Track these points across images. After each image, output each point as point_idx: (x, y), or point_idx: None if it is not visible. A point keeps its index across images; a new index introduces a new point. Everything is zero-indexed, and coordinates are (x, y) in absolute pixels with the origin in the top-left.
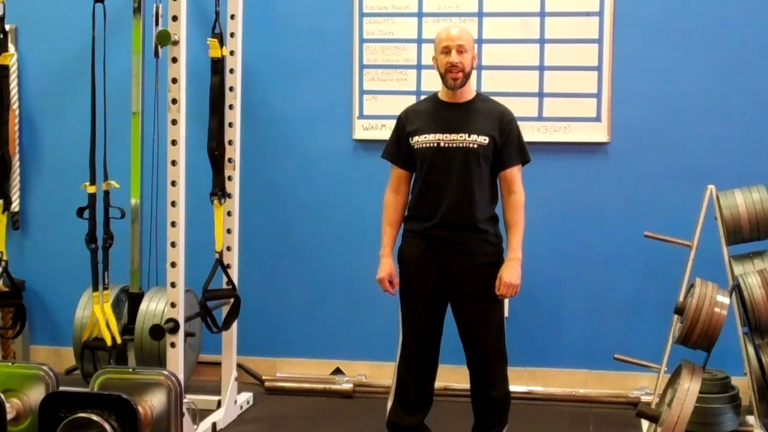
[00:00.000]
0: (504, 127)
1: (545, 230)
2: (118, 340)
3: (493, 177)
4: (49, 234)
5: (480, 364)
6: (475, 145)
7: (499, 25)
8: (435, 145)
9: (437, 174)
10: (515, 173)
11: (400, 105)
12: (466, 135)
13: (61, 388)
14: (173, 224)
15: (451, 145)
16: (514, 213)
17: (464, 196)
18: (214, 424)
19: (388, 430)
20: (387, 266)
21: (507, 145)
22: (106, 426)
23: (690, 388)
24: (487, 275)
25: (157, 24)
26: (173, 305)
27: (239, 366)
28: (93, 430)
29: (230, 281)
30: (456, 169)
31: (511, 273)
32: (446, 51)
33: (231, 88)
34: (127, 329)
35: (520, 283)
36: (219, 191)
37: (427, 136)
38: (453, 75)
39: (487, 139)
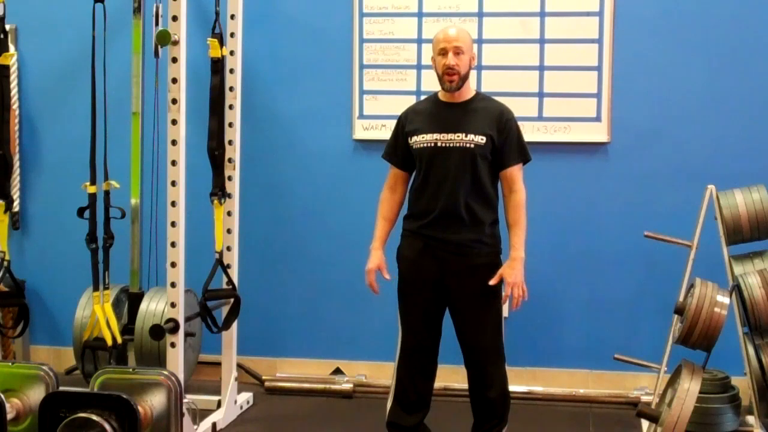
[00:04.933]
0: (502, 126)
1: (545, 230)
2: (119, 340)
3: (493, 178)
4: (49, 234)
5: (477, 365)
6: (472, 145)
7: (499, 25)
8: (432, 144)
9: (434, 173)
10: (515, 172)
11: (400, 105)
12: (463, 135)
13: (61, 388)
14: (173, 224)
15: (448, 144)
16: (514, 212)
17: (460, 195)
18: (214, 424)
19: (388, 430)
20: (376, 258)
21: (506, 144)
22: (106, 426)
23: (690, 388)
24: (483, 276)
25: (157, 24)
26: (173, 305)
27: (239, 366)
28: (93, 430)
29: (230, 281)
30: (453, 168)
31: (513, 273)
32: (443, 53)
33: (231, 88)
34: (127, 329)
35: (524, 281)
36: (219, 191)
37: (425, 135)
38: (449, 77)
39: (485, 138)
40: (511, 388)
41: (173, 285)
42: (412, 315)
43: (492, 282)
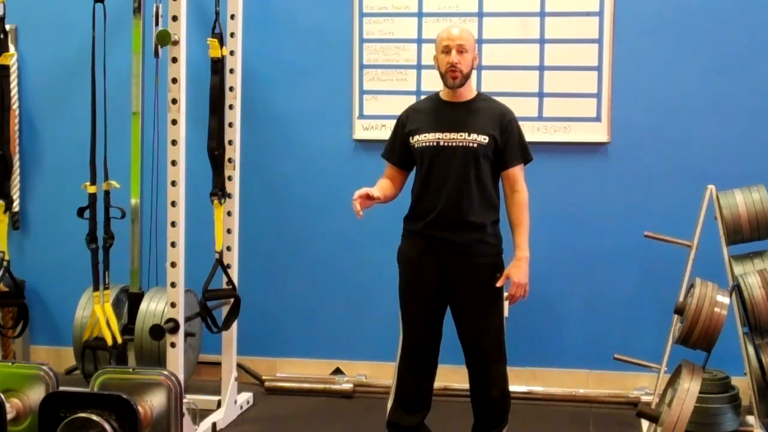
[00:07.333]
0: (505, 126)
1: (545, 230)
2: (119, 340)
3: (495, 178)
4: (49, 234)
5: (478, 365)
6: (475, 145)
7: (499, 25)
8: (434, 143)
9: (436, 173)
10: (517, 172)
11: (400, 105)
12: (466, 134)
13: (61, 388)
14: (173, 224)
15: (450, 144)
16: (518, 212)
17: (462, 195)
18: (214, 424)
19: (388, 430)
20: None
21: (508, 144)
22: (106, 426)
23: (690, 388)
24: (485, 276)
25: (157, 24)
26: (173, 305)
27: (239, 366)
28: (93, 430)
29: (230, 281)
30: (455, 168)
31: (519, 272)
32: (447, 50)
33: (231, 88)
34: (127, 329)
35: (528, 281)
36: (219, 191)
37: (426, 135)
38: (452, 74)
39: (487, 138)
40: (511, 388)
41: (173, 285)
42: (413, 315)
43: (498, 283)
